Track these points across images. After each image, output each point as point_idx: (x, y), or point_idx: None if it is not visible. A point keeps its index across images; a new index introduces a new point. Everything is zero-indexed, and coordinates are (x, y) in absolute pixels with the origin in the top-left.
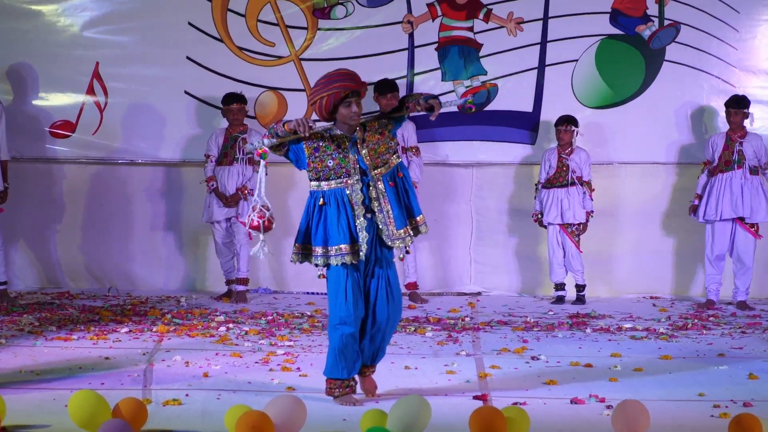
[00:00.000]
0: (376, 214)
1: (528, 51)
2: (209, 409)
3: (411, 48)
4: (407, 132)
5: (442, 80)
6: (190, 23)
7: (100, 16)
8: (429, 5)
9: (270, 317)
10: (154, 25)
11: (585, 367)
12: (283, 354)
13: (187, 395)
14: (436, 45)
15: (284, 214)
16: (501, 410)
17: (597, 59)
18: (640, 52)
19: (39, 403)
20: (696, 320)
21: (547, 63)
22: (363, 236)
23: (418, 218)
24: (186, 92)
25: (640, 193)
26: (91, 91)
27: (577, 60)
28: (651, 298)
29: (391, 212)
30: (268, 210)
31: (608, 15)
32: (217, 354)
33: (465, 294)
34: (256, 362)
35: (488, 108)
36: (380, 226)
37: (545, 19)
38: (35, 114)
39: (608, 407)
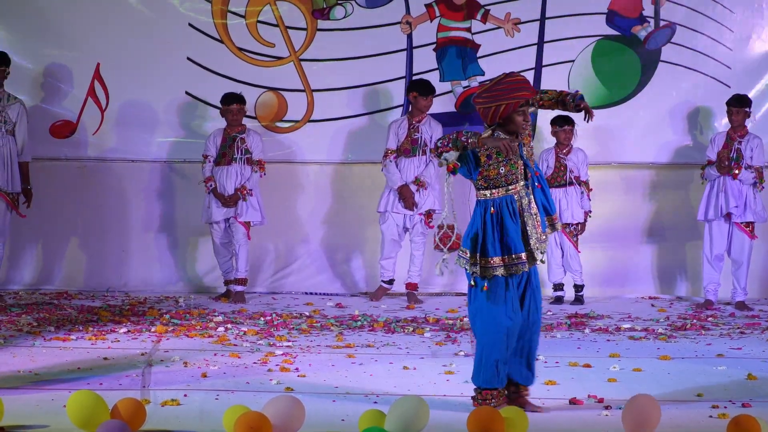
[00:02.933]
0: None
1: (525, 51)
2: (207, 409)
3: (409, 48)
4: (435, 132)
5: (440, 80)
6: (190, 24)
7: (102, 16)
8: (427, 6)
9: (268, 318)
10: (154, 26)
11: (584, 368)
12: (282, 354)
13: (185, 395)
14: (434, 45)
15: (281, 212)
16: (499, 411)
17: (593, 60)
18: (635, 52)
19: (37, 404)
20: (695, 321)
21: (544, 63)
22: (534, 242)
23: (554, 216)
24: (187, 93)
25: (637, 193)
26: (92, 91)
27: (573, 60)
28: (650, 298)
29: (538, 215)
30: (453, 231)
31: (604, 16)
32: (215, 354)
33: (464, 294)
34: (255, 363)
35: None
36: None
37: (542, 19)
38: (34, 114)
39: (607, 408)
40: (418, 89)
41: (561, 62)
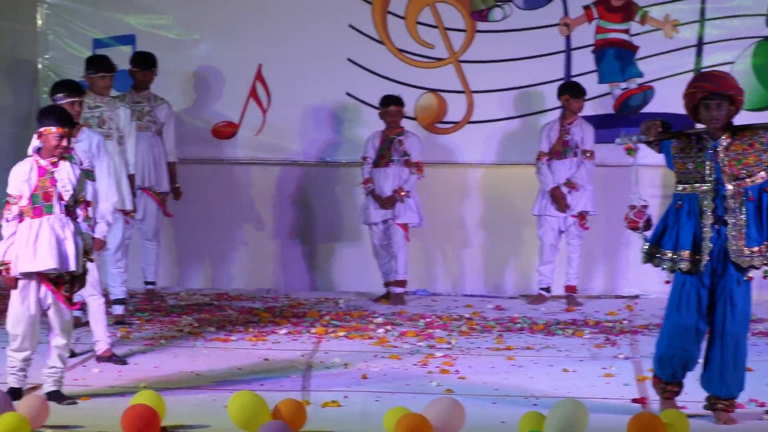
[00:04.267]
0: (729, 226)
1: (684, 53)
2: (368, 410)
3: (568, 50)
4: (587, 134)
5: (599, 83)
6: (350, 25)
7: (264, 18)
8: (585, 8)
9: (428, 319)
10: (315, 27)
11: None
12: (442, 356)
13: (345, 397)
14: (592, 47)
15: (439, 213)
16: (659, 415)
17: (754, 61)
18: None
19: (199, 404)
20: None
21: (703, 65)
22: (706, 246)
23: None
24: (347, 94)
25: None
26: (253, 92)
27: (733, 62)
28: None
29: (744, 228)
30: (646, 208)
31: (765, 17)
32: (375, 356)
33: (623, 297)
34: (415, 364)
35: (644, 110)
36: (729, 240)
37: (701, 21)
38: (198, 115)
39: (767, 412)
40: (570, 92)
41: (720, 64)
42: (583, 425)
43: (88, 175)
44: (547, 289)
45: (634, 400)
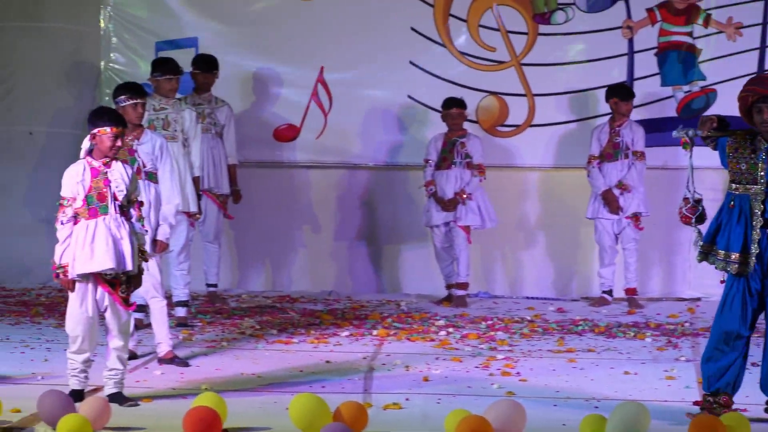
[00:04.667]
0: None
1: (747, 56)
2: (429, 413)
3: (630, 53)
4: (637, 136)
5: (661, 85)
6: (412, 28)
7: (325, 21)
8: (648, 10)
9: (490, 322)
10: (377, 30)
11: None
12: (503, 359)
13: (407, 399)
14: (655, 50)
15: (500, 216)
16: (720, 418)
17: None
18: None
19: (260, 406)
20: None
21: (766, 68)
22: (754, 249)
23: None
24: (409, 96)
25: None
26: (315, 95)
27: None
28: None
29: None
30: (699, 203)
31: None
32: (437, 358)
33: (684, 299)
34: (476, 366)
35: (706, 113)
36: None
37: (764, 23)
38: (259, 118)
39: None
40: (618, 94)
41: None
42: (645, 428)
43: (151, 177)
44: (609, 292)
45: (696, 403)
